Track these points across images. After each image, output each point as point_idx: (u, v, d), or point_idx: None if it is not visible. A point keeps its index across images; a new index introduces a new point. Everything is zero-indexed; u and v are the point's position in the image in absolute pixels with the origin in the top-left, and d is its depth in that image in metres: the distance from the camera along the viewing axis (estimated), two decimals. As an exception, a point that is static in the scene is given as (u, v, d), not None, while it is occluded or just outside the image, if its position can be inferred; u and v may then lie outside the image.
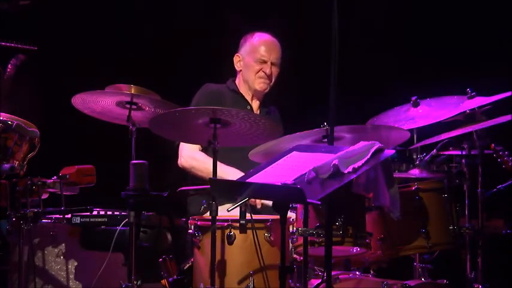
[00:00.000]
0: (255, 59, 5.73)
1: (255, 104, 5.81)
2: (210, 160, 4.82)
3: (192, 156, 5.55)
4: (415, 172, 5.15)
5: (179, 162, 5.61)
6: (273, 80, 5.76)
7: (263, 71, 5.72)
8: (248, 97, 5.79)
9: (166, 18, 6.83)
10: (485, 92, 5.13)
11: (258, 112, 5.77)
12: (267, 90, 5.76)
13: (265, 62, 5.72)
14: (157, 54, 6.77)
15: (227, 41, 6.42)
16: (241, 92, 5.79)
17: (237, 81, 5.83)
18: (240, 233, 4.66)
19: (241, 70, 5.80)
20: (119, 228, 4.87)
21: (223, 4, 6.77)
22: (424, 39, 6.65)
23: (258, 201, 5.29)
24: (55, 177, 4.99)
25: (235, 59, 5.82)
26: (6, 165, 4.79)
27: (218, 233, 4.64)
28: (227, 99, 5.69)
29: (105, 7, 6.67)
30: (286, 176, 4.02)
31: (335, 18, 4.23)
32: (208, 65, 6.65)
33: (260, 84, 5.74)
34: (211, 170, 4.70)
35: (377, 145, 4.14)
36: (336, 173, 4.03)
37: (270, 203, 5.25)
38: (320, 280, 4.65)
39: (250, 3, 6.72)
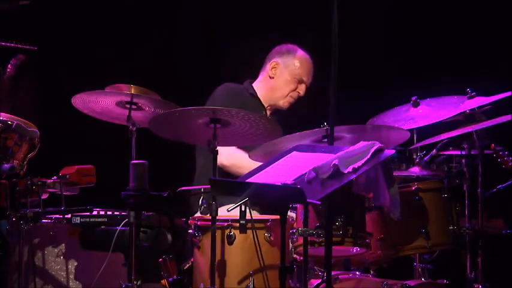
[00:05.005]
0: (295, 76, 5.67)
1: (268, 112, 5.77)
2: (247, 156, 5.03)
3: (231, 153, 5.48)
4: (415, 170, 5.15)
5: (219, 161, 5.57)
6: None
7: (297, 91, 5.68)
8: (264, 102, 5.74)
9: (167, 18, 6.82)
10: (485, 92, 5.13)
11: None
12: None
13: (301, 82, 5.68)
14: (158, 54, 6.77)
15: (227, 41, 6.43)
16: (259, 96, 5.74)
17: (256, 85, 5.77)
18: (240, 233, 4.66)
19: (273, 78, 5.74)
20: (118, 228, 4.87)
21: (223, 5, 6.76)
22: (424, 39, 6.65)
23: None
24: (55, 177, 4.98)
25: (271, 64, 5.72)
26: (6, 165, 4.79)
27: (218, 233, 4.64)
28: (246, 101, 5.62)
29: (105, 7, 6.67)
30: (286, 176, 4.02)
31: (335, 18, 4.23)
32: (208, 65, 6.65)
33: (285, 103, 5.71)
34: (250, 166, 4.69)
35: (377, 145, 4.14)
36: (336, 173, 4.03)
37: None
38: (320, 280, 4.66)
39: (249, 3, 6.72)
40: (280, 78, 5.70)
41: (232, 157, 5.48)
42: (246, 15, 6.67)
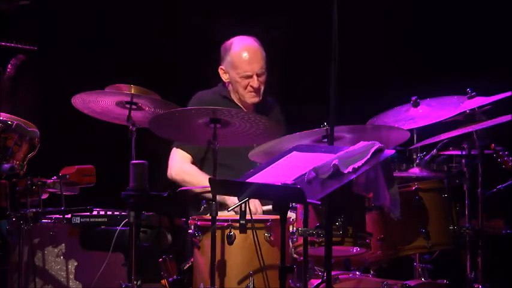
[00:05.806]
0: (240, 75, 5.54)
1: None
2: (200, 173, 5.26)
3: (182, 169, 5.51)
4: (415, 171, 5.15)
5: (169, 174, 5.55)
6: (263, 88, 5.58)
7: (251, 86, 5.55)
8: (240, 103, 5.69)
9: (167, 17, 6.82)
10: (485, 92, 5.13)
11: None
12: (258, 101, 5.61)
13: (250, 76, 5.54)
14: (157, 54, 6.77)
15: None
16: (233, 98, 5.68)
17: (228, 87, 5.72)
18: (240, 233, 4.66)
19: (229, 82, 5.64)
20: (118, 228, 4.87)
21: (223, 5, 6.76)
22: (424, 39, 6.65)
23: (259, 209, 5.25)
24: (55, 177, 4.99)
25: (220, 71, 5.64)
26: (6, 165, 4.79)
27: (218, 233, 4.64)
28: (220, 106, 5.57)
29: (105, 7, 6.67)
30: (286, 176, 4.02)
31: (335, 18, 4.23)
32: (208, 65, 6.64)
33: (251, 99, 5.58)
34: (201, 184, 4.85)
35: (377, 145, 4.14)
36: (336, 173, 4.03)
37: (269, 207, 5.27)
38: (320, 280, 4.65)
39: (249, 3, 6.72)
40: (231, 80, 5.62)
41: (184, 174, 5.50)
42: (246, 15, 6.66)
